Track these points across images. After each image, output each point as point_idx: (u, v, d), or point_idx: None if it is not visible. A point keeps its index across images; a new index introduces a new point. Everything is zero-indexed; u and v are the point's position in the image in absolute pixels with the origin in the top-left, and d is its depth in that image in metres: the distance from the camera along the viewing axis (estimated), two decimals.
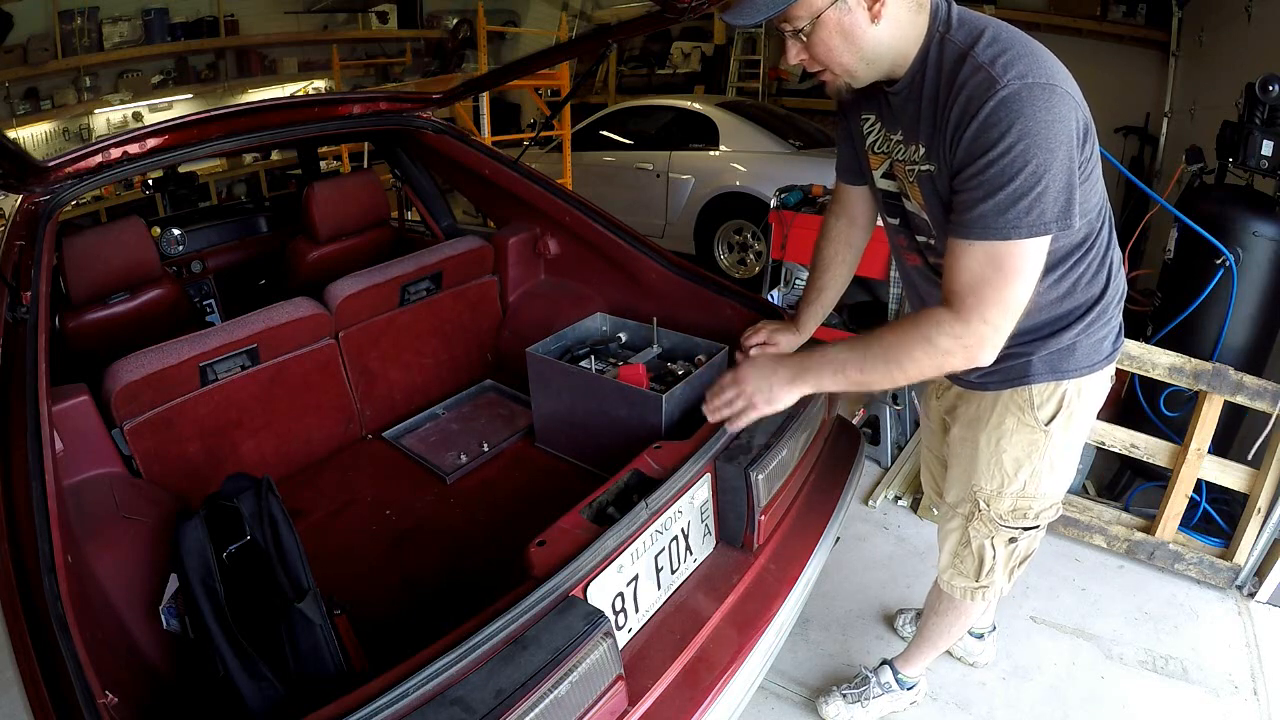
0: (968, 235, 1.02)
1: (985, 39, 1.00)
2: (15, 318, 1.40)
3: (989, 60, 0.98)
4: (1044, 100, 0.95)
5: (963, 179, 1.02)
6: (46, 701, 0.80)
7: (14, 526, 1.01)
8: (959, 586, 1.47)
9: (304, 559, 1.25)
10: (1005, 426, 1.29)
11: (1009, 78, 0.96)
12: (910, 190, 1.19)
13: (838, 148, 1.40)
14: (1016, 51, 0.98)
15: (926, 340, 1.05)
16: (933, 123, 1.07)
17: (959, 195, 1.03)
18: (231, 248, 2.81)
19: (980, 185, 0.99)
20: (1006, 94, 0.95)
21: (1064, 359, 1.22)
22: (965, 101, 0.99)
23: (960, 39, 1.02)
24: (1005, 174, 0.97)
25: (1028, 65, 0.97)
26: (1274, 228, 2.07)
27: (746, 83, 7.43)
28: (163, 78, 6.65)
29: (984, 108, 0.97)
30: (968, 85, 0.99)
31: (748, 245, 4.84)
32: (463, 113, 5.45)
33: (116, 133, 1.91)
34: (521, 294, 2.41)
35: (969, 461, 1.36)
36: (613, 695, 1.03)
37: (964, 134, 1.00)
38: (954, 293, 1.04)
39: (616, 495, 1.29)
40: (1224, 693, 1.82)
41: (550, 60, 2.58)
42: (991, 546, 1.39)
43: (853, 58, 1.06)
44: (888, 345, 1.10)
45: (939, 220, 1.14)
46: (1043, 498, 1.33)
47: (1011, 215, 0.98)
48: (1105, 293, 1.21)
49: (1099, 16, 5.10)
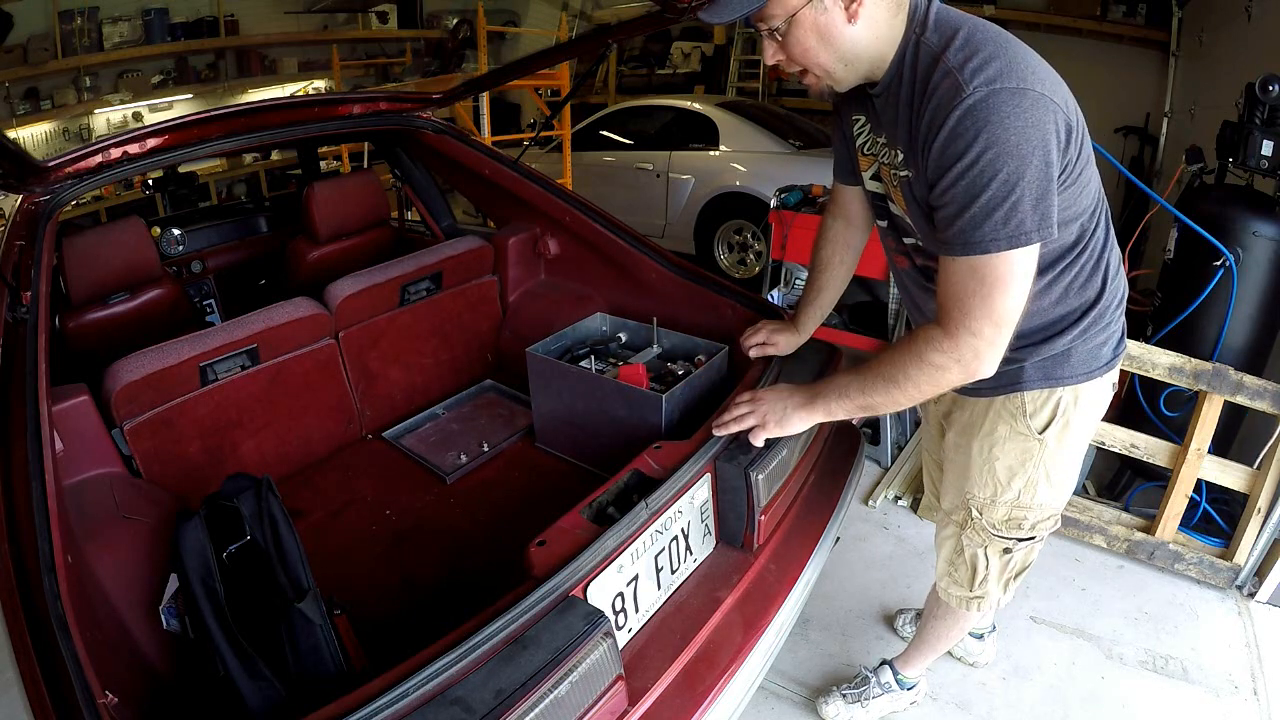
0: (950, 251, 1.01)
1: (958, 41, 0.97)
2: (15, 318, 1.40)
3: (958, 65, 0.95)
4: (1012, 106, 0.92)
5: (937, 193, 1.00)
6: (46, 701, 0.80)
7: (14, 526, 1.01)
8: (954, 595, 1.46)
9: (304, 559, 1.26)
10: (998, 434, 1.26)
11: (975, 84, 0.93)
12: (893, 194, 1.18)
13: (834, 148, 1.39)
14: (988, 54, 0.94)
15: (920, 359, 1.05)
16: (908, 129, 1.05)
17: (937, 211, 1.02)
18: (231, 248, 2.80)
19: (954, 199, 0.97)
20: (972, 102, 0.93)
21: (1058, 365, 1.19)
22: (934, 109, 0.97)
23: (933, 41, 1.00)
24: (976, 185, 0.94)
25: (998, 69, 0.93)
26: (1274, 228, 2.07)
27: (746, 83, 7.43)
28: (163, 78, 6.64)
29: (950, 117, 0.94)
30: (937, 92, 0.97)
31: (748, 245, 4.83)
32: (463, 113, 5.44)
33: (116, 133, 1.91)
34: (521, 294, 2.41)
35: (963, 468, 1.34)
36: (613, 695, 1.03)
37: (933, 144, 0.98)
38: (942, 308, 1.04)
39: (616, 495, 1.29)
40: (1224, 693, 1.82)
41: (550, 60, 2.58)
42: (985, 556, 1.37)
43: (830, 58, 1.05)
44: (886, 367, 1.10)
45: (921, 225, 1.13)
46: (1039, 509, 1.30)
47: (988, 228, 0.96)
48: (1101, 296, 1.17)
49: (1099, 16, 5.10)
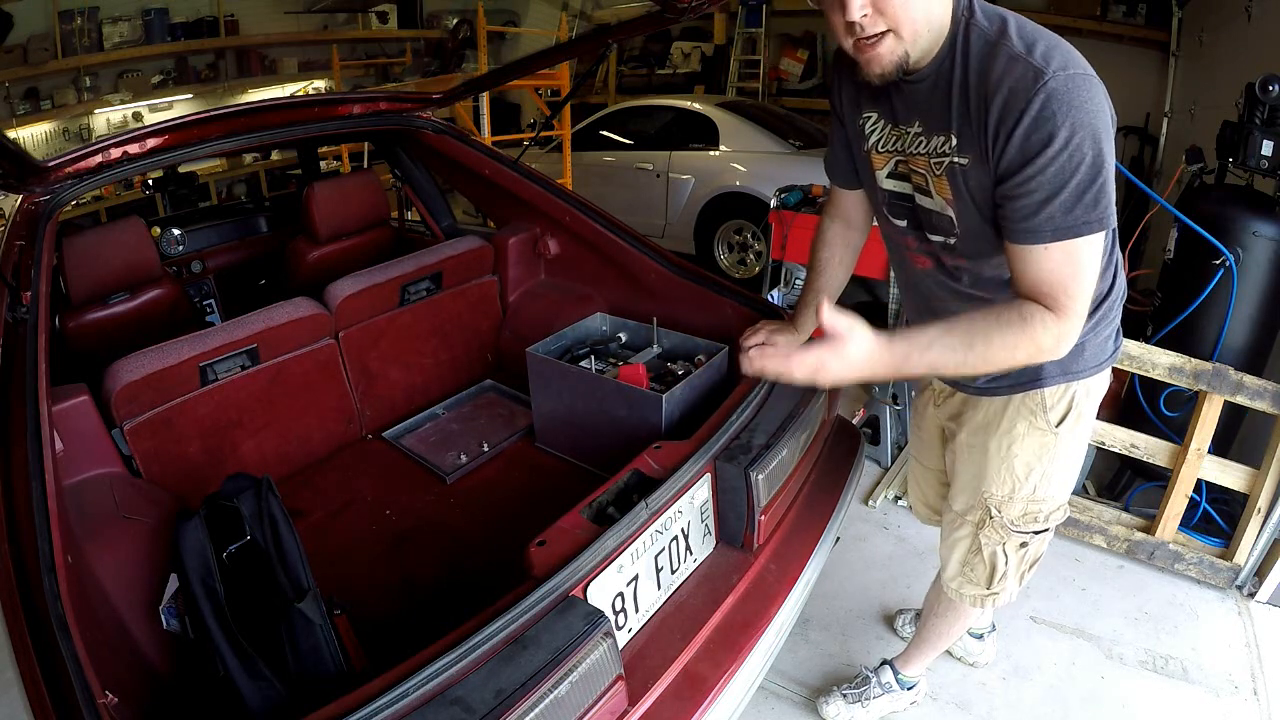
0: (1039, 239, 0.98)
1: (1013, 28, 0.97)
2: (15, 318, 1.40)
3: (1025, 50, 0.95)
4: (1089, 91, 0.93)
5: (1019, 180, 0.97)
6: (46, 701, 0.80)
7: (14, 526, 1.01)
8: (969, 595, 1.45)
9: (304, 559, 1.26)
10: (1016, 431, 1.27)
11: (1053, 68, 0.93)
12: (935, 185, 1.12)
13: (830, 151, 1.37)
14: (1049, 42, 0.95)
15: (1031, 338, 1.00)
16: (965, 114, 1.02)
17: (1015, 200, 0.99)
18: (231, 248, 2.80)
19: (1041, 185, 0.96)
20: (1055, 86, 0.92)
21: (1074, 360, 1.20)
22: (1009, 95, 0.95)
23: (986, 27, 0.99)
24: (1066, 170, 0.94)
25: (1065, 55, 0.94)
26: (1274, 228, 2.07)
27: (746, 83, 7.42)
28: (163, 78, 6.64)
29: (1033, 102, 0.93)
30: (1008, 78, 0.95)
31: (748, 245, 4.83)
32: (463, 113, 5.44)
33: (116, 133, 1.91)
34: (521, 294, 2.41)
35: (978, 468, 1.33)
36: (613, 695, 1.03)
37: (1014, 131, 0.96)
38: (1044, 295, 1.00)
39: (616, 495, 1.29)
40: (1224, 693, 1.82)
41: (550, 60, 2.58)
42: (1004, 553, 1.37)
43: (923, 20, 0.99)
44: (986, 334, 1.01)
45: (969, 216, 1.09)
46: (1051, 500, 1.32)
47: (1079, 211, 0.96)
48: (1113, 289, 1.20)
49: (1099, 16, 5.10)
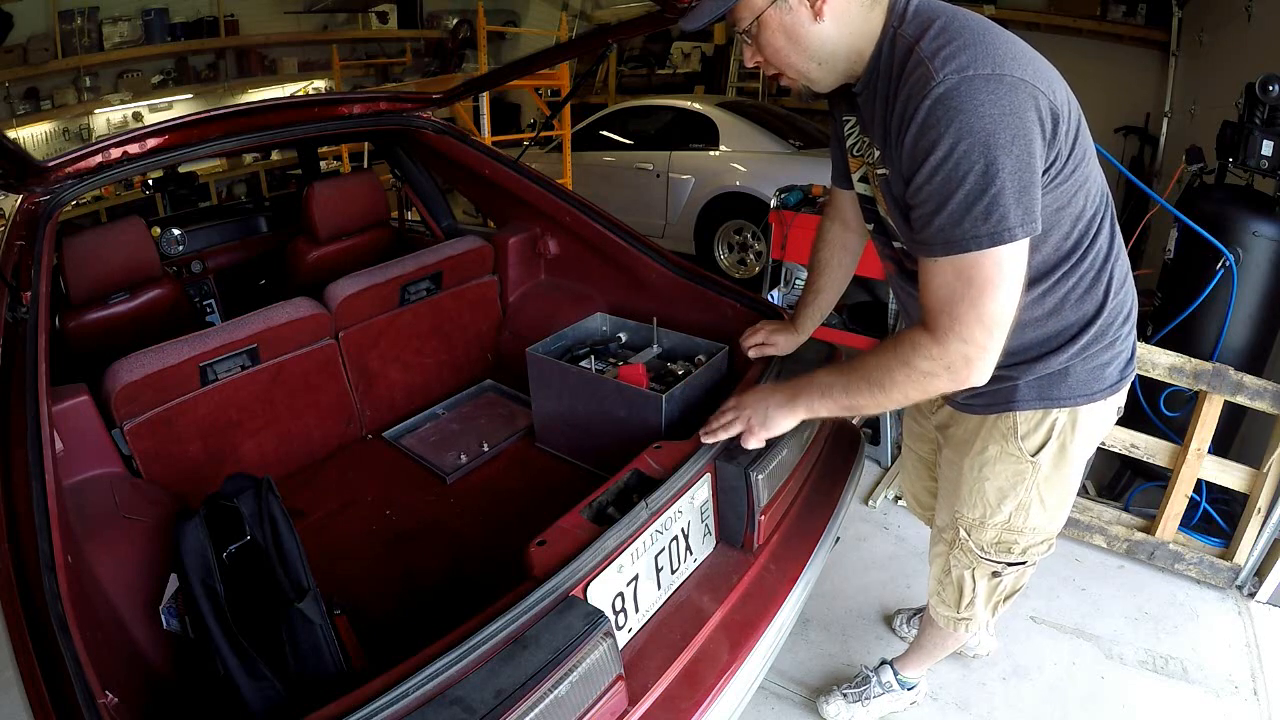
0: (931, 252, 0.95)
1: (933, 30, 0.92)
2: (15, 318, 1.40)
3: (930, 54, 0.90)
4: (987, 93, 0.86)
5: (913, 190, 0.94)
6: (46, 701, 0.80)
7: (14, 526, 1.01)
8: (942, 614, 1.45)
9: (304, 559, 1.26)
10: (988, 454, 1.21)
11: (946, 72, 0.87)
12: (877, 195, 1.13)
13: (831, 150, 1.36)
14: (963, 42, 0.89)
15: (907, 365, 1.00)
16: (883, 124, 1.00)
17: (914, 210, 0.96)
18: (231, 248, 2.80)
19: (929, 196, 0.92)
20: (942, 90, 0.87)
21: (1055, 385, 1.12)
22: (905, 101, 0.92)
23: (910, 33, 0.94)
24: (951, 180, 0.89)
25: (972, 56, 0.88)
26: (1274, 228, 2.07)
27: (746, 83, 7.42)
28: (163, 78, 6.64)
29: (920, 108, 0.89)
30: (907, 83, 0.92)
31: (748, 245, 4.83)
32: (463, 113, 5.44)
33: (116, 133, 1.91)
34: (521, 294, 2.41)
35: (954, 486, 1.30)
36: (613, 695, 1.03)
37: (904, 139, 0.93)
38: (929, 313, 0.98)
39: (616, 495, 1.29)
40: (1224, 693, 1.82)
41: (550, 60, 2.58)
42: (971, 578, 1.34)
43: (800, 58, 1.01)
44: (872, 370, 1.06)
45: (901, 227, 1.07)
46: (1031, 533, 1.25)
47: (968, 224, 0.90)
48: (1103, 310, 1.10)
49: (1099, 16, 5.10)
